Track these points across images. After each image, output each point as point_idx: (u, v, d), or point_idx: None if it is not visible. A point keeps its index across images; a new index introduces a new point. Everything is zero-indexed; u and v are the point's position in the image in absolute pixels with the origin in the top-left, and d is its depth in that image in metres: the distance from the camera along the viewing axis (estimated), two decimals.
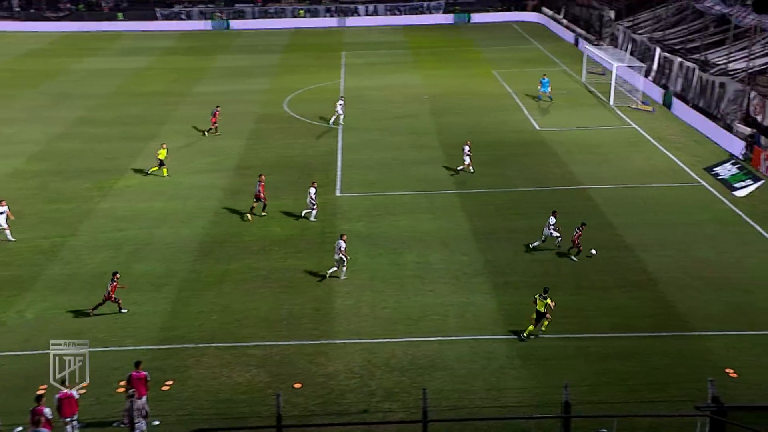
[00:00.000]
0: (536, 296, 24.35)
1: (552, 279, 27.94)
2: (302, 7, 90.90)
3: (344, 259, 27.84)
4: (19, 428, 19.96)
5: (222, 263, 29.70)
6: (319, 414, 20.96)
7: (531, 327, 24.20)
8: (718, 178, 37.76)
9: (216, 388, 22.10)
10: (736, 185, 36.55)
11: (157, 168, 38.88)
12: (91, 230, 32.77)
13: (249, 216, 33.61)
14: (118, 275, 25.80)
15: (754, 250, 30.15)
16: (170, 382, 22.25)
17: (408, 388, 21.93)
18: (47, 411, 18.84)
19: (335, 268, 28.18)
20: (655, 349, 23.63)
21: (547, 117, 48.84)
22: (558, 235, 29.70)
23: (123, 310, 25.90)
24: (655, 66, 55.35)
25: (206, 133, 45.82)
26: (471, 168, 38.69)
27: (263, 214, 33.76)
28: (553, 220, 29.74)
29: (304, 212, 33.53)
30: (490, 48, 73.53)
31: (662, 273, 28.30)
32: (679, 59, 52.10)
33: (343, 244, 27.75)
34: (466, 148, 38.65)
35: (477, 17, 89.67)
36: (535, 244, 30.04)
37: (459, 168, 38.75)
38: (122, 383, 20.93)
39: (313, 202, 33.06)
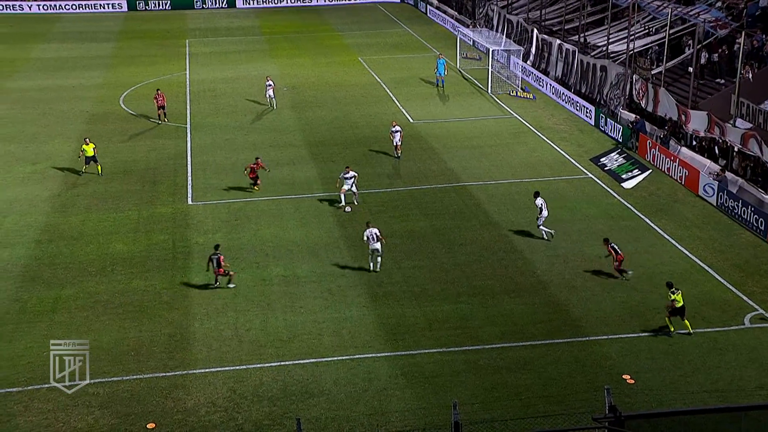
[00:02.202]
0: (669, 293, 25.53)
1: (435, 286, 28.44)
2: None
3: (381, 246, 29.23)
4: None
5: (53, 289, 28.52)
6: None
7: (687, 322, 25.44)
8: (605, 169, 39.54)
9: None
10: (624, 176, 38.39)
11: (87, 165, 38.86)
12: None
13: (255, 187, 37.16)
14: (219, 247, 28.32)
15: (646, 245, 31.72)
16: None
17: (280, 418, 21.75)
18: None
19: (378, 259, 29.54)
20: (549, 358, 24.43)
21: (421, 109, 49.66)
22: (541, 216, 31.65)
23: (231, 285, 28.23)
24: (533, 49, 57.41)
25: (162, 120, 47.05)
26: (398, 152, 40.94)
27: (257, 185, 37.22)
28: (540, 201, 31.80)
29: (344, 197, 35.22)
30: (354, 32, 74.16)
31: (553, 274, 29.32)
32: (558, 41, 54.28)
33: (376, 231, 29.14)
34: (396, 128, 40.72)
35: None
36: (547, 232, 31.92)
37: (398, 154, 40.94)
38: None
39: (352, 190, 34.98)
